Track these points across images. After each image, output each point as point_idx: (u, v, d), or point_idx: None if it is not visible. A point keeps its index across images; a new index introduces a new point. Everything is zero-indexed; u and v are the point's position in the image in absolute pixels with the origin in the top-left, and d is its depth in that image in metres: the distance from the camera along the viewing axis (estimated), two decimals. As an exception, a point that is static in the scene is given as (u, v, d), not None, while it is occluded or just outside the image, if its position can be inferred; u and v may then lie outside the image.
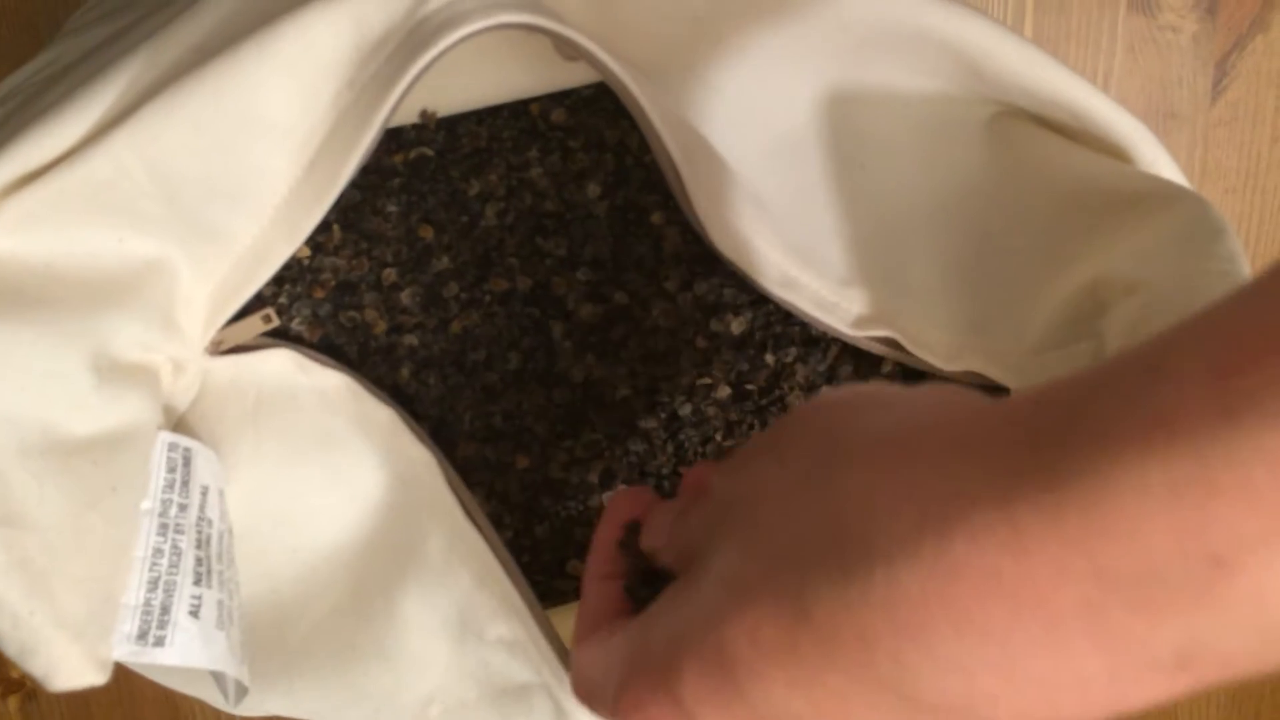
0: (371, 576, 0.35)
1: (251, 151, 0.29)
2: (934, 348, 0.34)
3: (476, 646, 0.35)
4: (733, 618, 0.20)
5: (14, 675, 0.67)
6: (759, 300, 0.35)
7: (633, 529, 0.28)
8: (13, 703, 0.68)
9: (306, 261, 0.34)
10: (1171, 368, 0.16)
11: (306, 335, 0.35)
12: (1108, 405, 0.16)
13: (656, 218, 0.35)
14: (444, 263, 0.35)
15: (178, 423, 0.33)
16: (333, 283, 0.35)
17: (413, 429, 0.34)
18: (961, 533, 0.17)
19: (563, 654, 0.33)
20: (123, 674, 0.72)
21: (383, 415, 0.34)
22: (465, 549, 0.34)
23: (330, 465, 0.34)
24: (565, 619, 0.35)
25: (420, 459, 0.34)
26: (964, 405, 0.20)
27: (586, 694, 0.26)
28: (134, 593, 0.27)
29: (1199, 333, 0.16)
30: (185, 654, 0.27)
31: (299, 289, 0.34)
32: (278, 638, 0.35)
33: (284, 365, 0.33)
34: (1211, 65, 0.55)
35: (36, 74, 0.35)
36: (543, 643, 0.33)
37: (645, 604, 0.26)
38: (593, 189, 0.35)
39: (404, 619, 0.34)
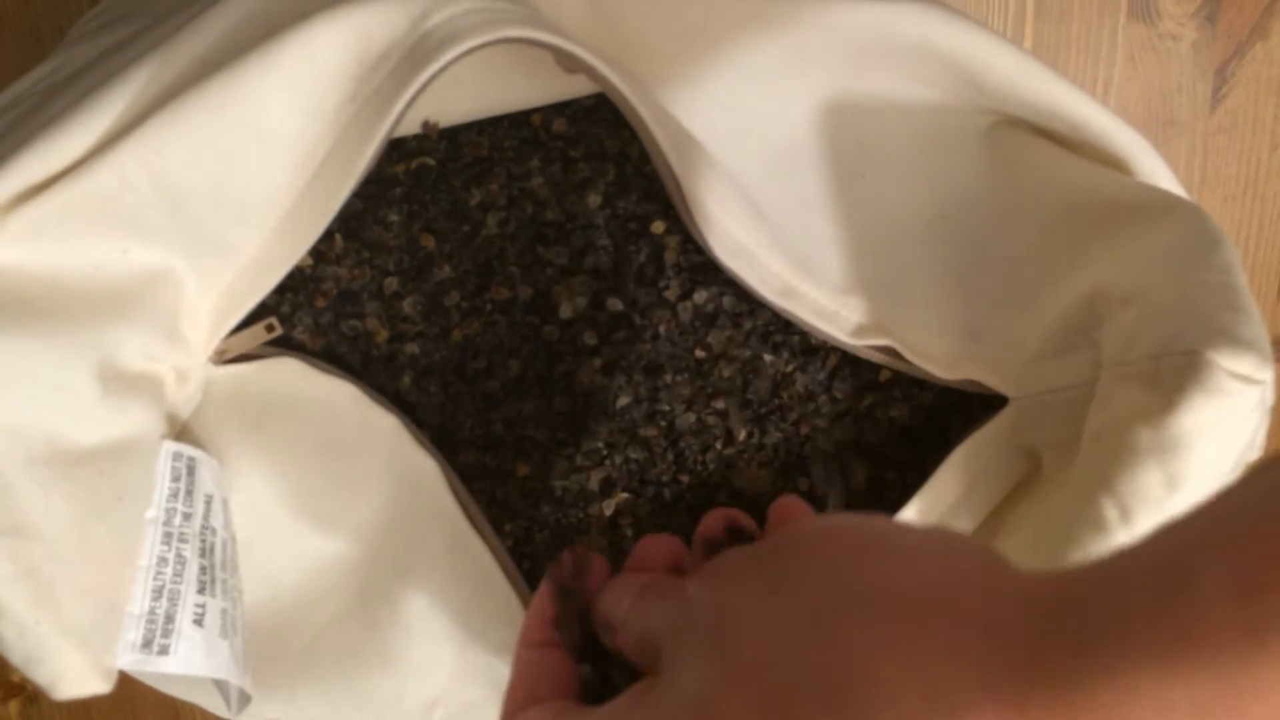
0: (375, 582, 0.35)
1: (255, 163, 0.29)
2: (933, 357, 0.34)
3: (481, 650, 0.35)
4: None
5: (14, 679, 0.67)
6: (758, 309, 0.35)
7: (573, 593, 0.28)
8: (14, 706, 0.68)
9: (309, 271, 0.35)
10: (1196, 578, 0.15)
11: (309, 344, 0.35)
12: (1129, 610, 0.15)
13: (657, 227, 0.35)
14: (445, 271, 0.35)
15: (181, 431, 0.33)
16: (335, 291, 0.35)
17: (415, 436, 0.34)
18: None
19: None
20: (124, 679, 0.72)
21: (386, 423, 0.34)
22: (467, 555, 0.34)
23: (333, 472, 0.34)
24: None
25: (423, 466, 0.34)
26: (975, 569, 0.19)
27: None
28: (138, 601, 0.27)
29: (1225, 541, 0.15)
30: (189, 663, 0.27)
31: (301, 298, 0.35)
32: (280, 645, 0.35)
33: (287, 374, 0.33)
34: (1211, 73, 0.55)
35: (39, 82, 0.35)
36: None
37: (591, 684, 0.26)
38: (593, 198, 0.35)
39: (408, 624, 0.35)
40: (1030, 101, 0.31)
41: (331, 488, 0.35)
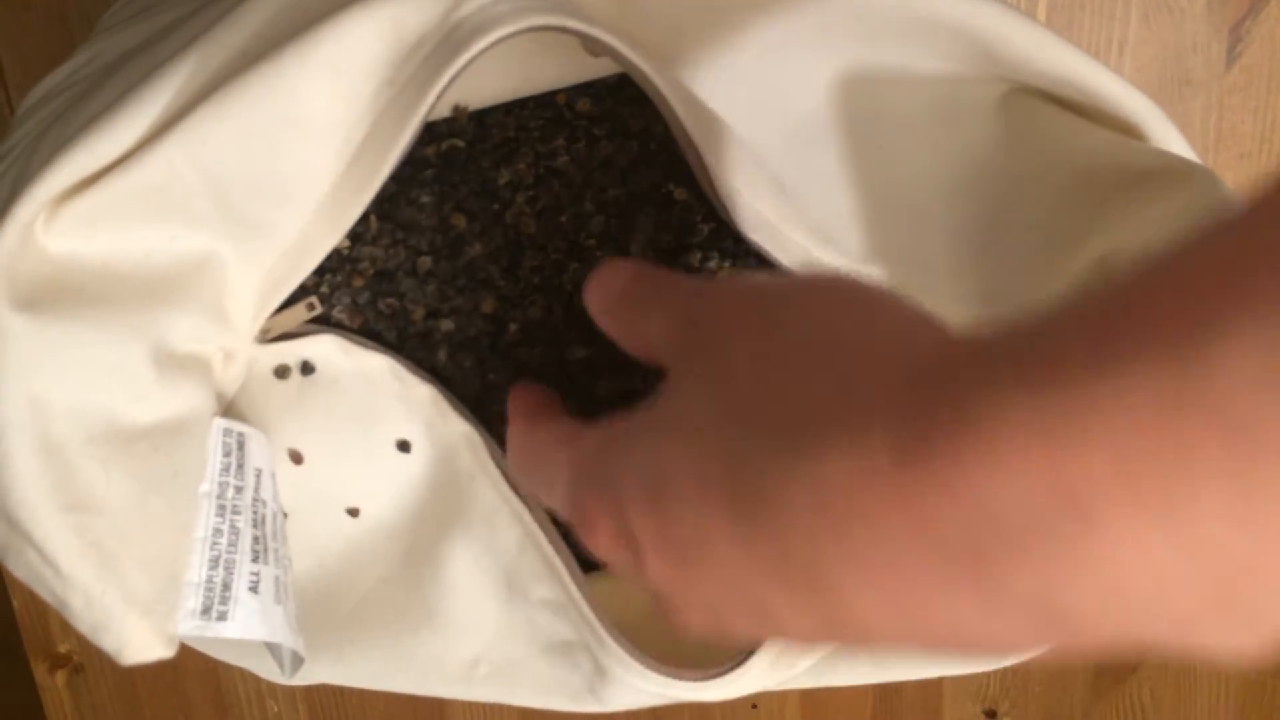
0: (418, 545, 0.36)
1: (296, 150, 0.30)
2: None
3: (522, 606, 0.36)
4: (685, 458, 0.22)
5: (60, 651, 0.69)
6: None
7: None
8: (60, 677, 0.70)
9: (346, 252, 0.36)
10: (1057, 324, 0.17)
11: (347, 322, 0.36)
12: (1003, 351, 0.17)
13: (680, 196, 0.36)
14: (476, 249, 0.36)
15: (227, 408, 0.34)
16: (371, 271, 0.36)
17: (453, 404, 0.35)
18: (881, 442, 0.18)
19: (602, 616, 0.34)
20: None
21: (423, 392, 0.35)
22: (508, 515, 0.35)
23: (373, 442, 0.36)
24: (602, 585, 0.36)
25: (462, 431, 0.35)
26: (913, 327, 0.22)
27: (530, 469, 0.28)
28: (196, 571, 0.28)
29: (1094, 298, 0.17)
30: (247, 627, 0.28)
31: (339, 278, 0.36)
32: (327, 610, 0.36)
33: (327, 349, 0.35)
34: (1225, 31, 0.55)
35: (76, 73, 0.36)
36: (583, 605, 0.35)
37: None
38: (618, 174, 0.36)
39: (452, 584, 0.36)
40: (1043, 70, 0.32)
41: (371, 456, 0.36)
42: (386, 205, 0.36)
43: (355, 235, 0.36)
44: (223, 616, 0.28)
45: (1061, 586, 0.17)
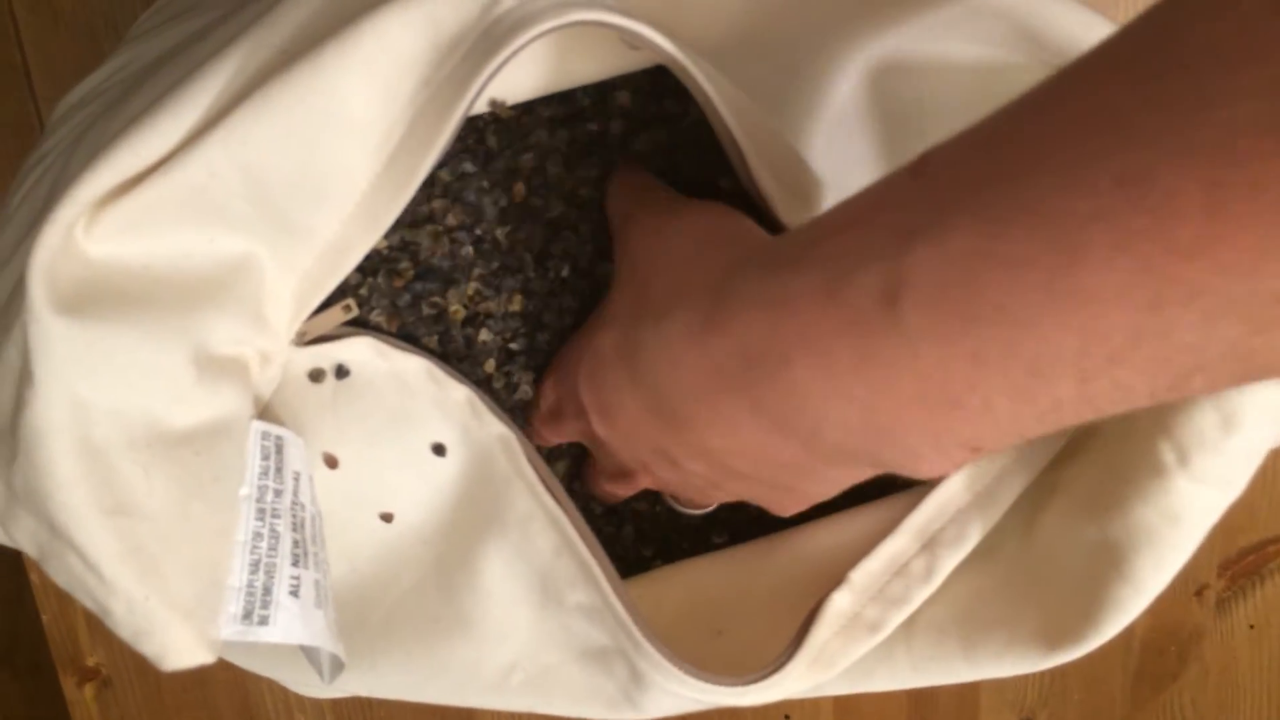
0: (452, 550, 0.36)
1: (335, 149, 0.30)
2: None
3: (557, 612, 0.36)
4: (606, 333, 0.32)
5: (89, 664, 0.69)
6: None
7: None
8: (88, 690, 0.70)
9: (385, 252, 0.36)
10: (792, 235, 0.28)
11: (385, 325, 0.36)
12: (762, 251, 0.28)
13: (725, 183, 0.36)
14: (517, 245, 0.36)
15: (263, 410, 0.34)
16: (411, 272, 0.36)
17: (490, 406, 0.35)
18: (696, 310, 0.28)
19: (639, 621, 0.34)
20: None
21: (460, 394, 0.35)
22: (544, 519, 0.35)
23: (408, 445, 0.35)
24: (637, 589, 0.36)
25: (498, 433, 0.35)
26: (738, 233, 0.32)
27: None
28: (237, 575, 0.28)
29: (817, 216, 0.27)
30: (288, 631, 0.28)
31: (379, 279, 0.36)
32: (360, 616, 0.36)
33: (363, 352, 0.34)
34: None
35: (110, 78, 0.36)
36: (620, 610, 0.34)
37: None
38: (657, 166, 0.36)
39: (487, 589, 0.36)
40: (1079, 51, 0.31)
41: (407, 460, 0.36)
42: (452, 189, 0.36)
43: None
44: (264, 621, 0.28)
45: (786, 406, 0.26)
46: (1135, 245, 0.19)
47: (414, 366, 0.35)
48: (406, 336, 0.36)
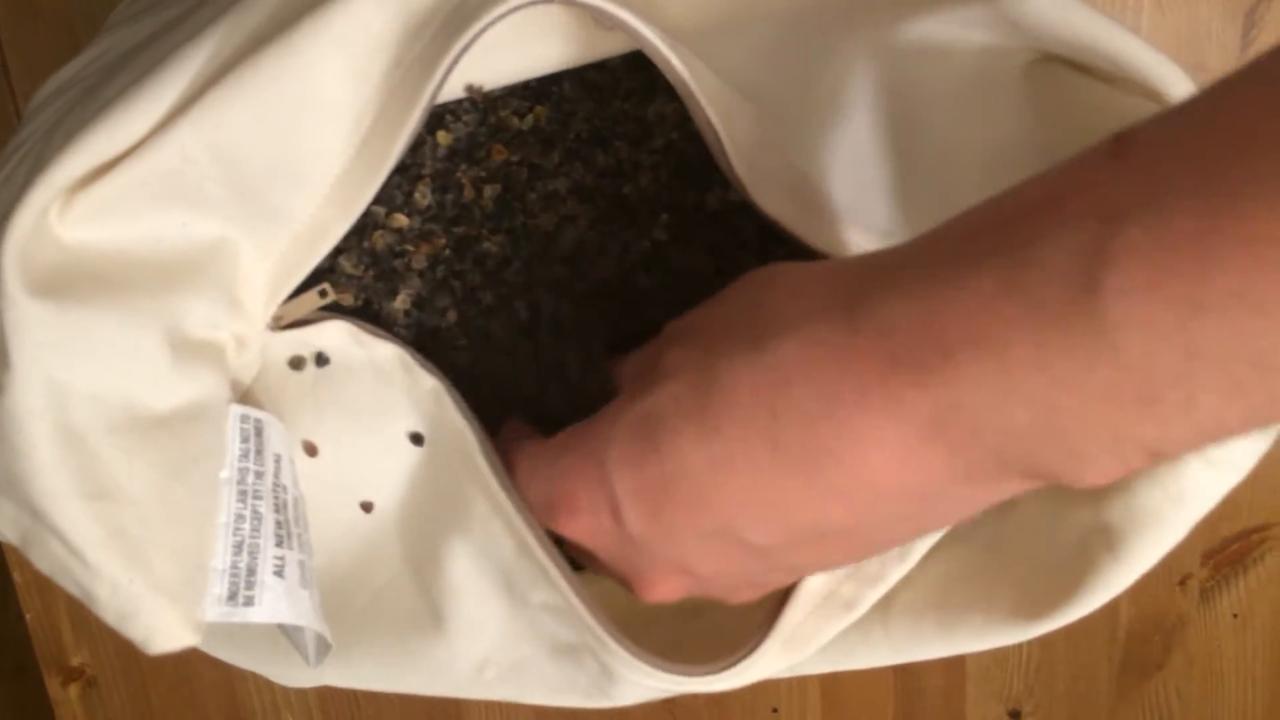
0: (425, 543, 0.36)
1: (308, 132, 0.30)
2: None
3: (524, 609, 0.36)
4: (663, 387, 0.28)
5: (73, 664, 0.69)
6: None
7: None
8: (73, 690, 0.69)
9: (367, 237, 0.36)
10: (935, 236, 0.26)
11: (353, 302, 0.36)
12: (900, 257, 0.26)
13: (702, 181, 0.36)
14: (494, 238, 0.36)
15: (244, 396, 0.34)
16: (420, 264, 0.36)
17: (456, 401, 0.35)
18: (823, 322, 0.25)
19: (602, 620, 0.34)
20: (181, 660, 0.73)
21: (428, 385, 0.35)
22: (502, 522, 0.34)
23: (386, 434, 0.35)
24: (602, 584, 0.35)
25: (459, 429, 0.35)
26: (839, 259, 0.30)
27: (528, 495, 0.33)
28: (221, 557, 0.28)
29: (961, 214, 0.25)
30: (274, 612, 0.28)
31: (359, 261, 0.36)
32: (337, 608, 0.36)
33: (340, 337, 0.34)
34: (1240, 17, 0.55)
35: (87, 67, 0.36)
36: (582, 610, 0.34)
37: None
38: (630, 155, 0.36)
39: (456, 584, 0.35)
40: (1068, 38, 0.32)
41: (384, 450, 0.35)
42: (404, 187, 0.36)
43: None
44: (249, 602, 0.28)
45: (940, 406, 0.24)
46: None
47: (388, 354, 0.34)
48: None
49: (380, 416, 0.35)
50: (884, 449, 0.25)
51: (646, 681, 0.34)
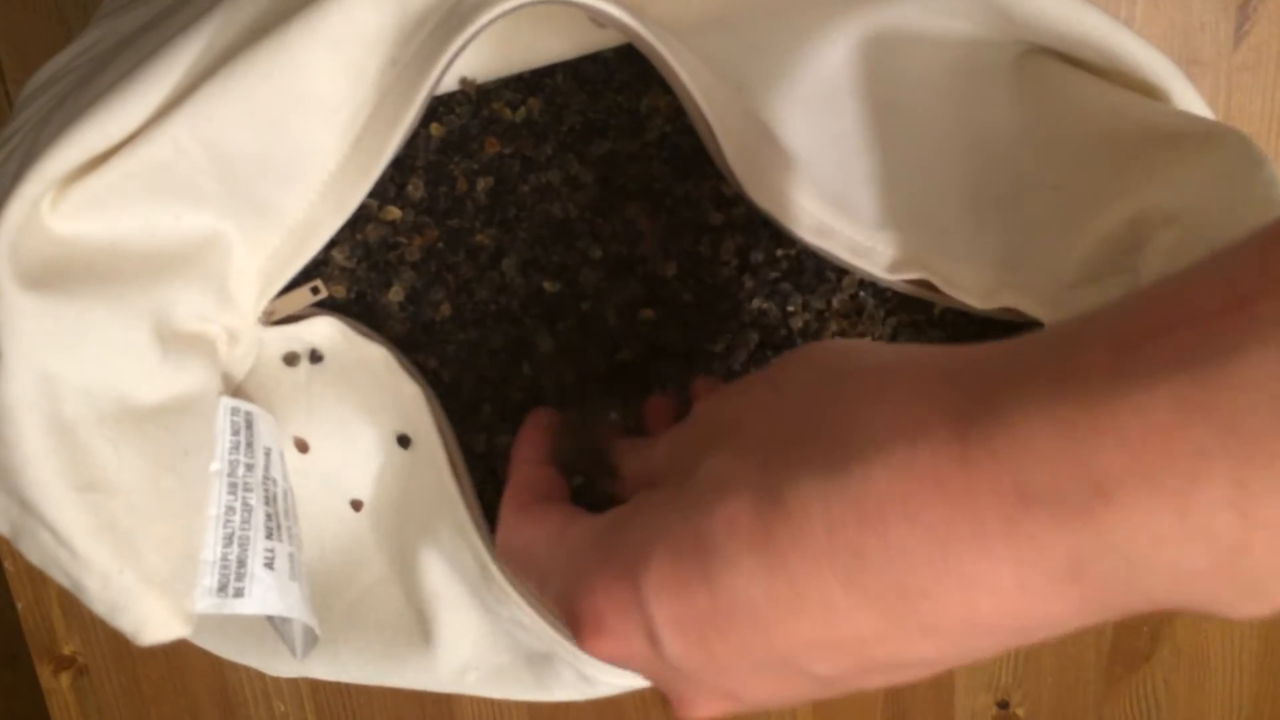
0: (405, 548, 0.36)
1: (301, 129, 0.30)
2: (969, 287, 0.34)
3: (497, 620, 0.36)
4: (715, 508, 0.23)
5: (65, 652, 0.69)
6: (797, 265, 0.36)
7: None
8: (64, 679, 0.69)
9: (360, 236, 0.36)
10: (1084, 335, 0.20)
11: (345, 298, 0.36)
12: (1037, 360, 0.21)
13: (693, 173, 0.36)
14: (487, 231, 0.36)
15: (235, 392, 0.34)
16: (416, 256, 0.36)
17: (433, 411, 0.35)
18: (925, 445, 0.21)
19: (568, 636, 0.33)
20: (172, 649, 0.72)
21: (409, 390, 0.34)
22: (466, 541, 0.34)
23: (375, 433, 0.35)
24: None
25: (435, 441, 0.34)
26: (933, 350, 0.24)
27: (520, 564, 0.28)
28: (211, 549, 0.28)
29: (1111, 312, 0.20)
30: (263, 603, 0.28)
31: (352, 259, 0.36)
32: (323, 606, 0.36)
33: (331, 334, 0.34)
34: (1233, 9, 0.55)
35: (79, 56, 0.36)
36: (548, 629, 0.34)
37: (584, 494, 0.29)
38: (625, 148, 0.36)
39: (434, 590, 0.36)
40: (1062, 31, 0.32)
41: (372, 450, 0.36)
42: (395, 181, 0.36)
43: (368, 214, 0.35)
44: (239, 593, 0.28)
45: (1087, 548, 0.19)
46: None
47: (375, 354, 0.34)
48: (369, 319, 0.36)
49: (371, 416, 0.35)
50: (998, 594, 0.21)
51: (624, 682, 0.34)
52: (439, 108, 0.35)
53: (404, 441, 0.35)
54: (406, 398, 0.34)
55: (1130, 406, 0.19)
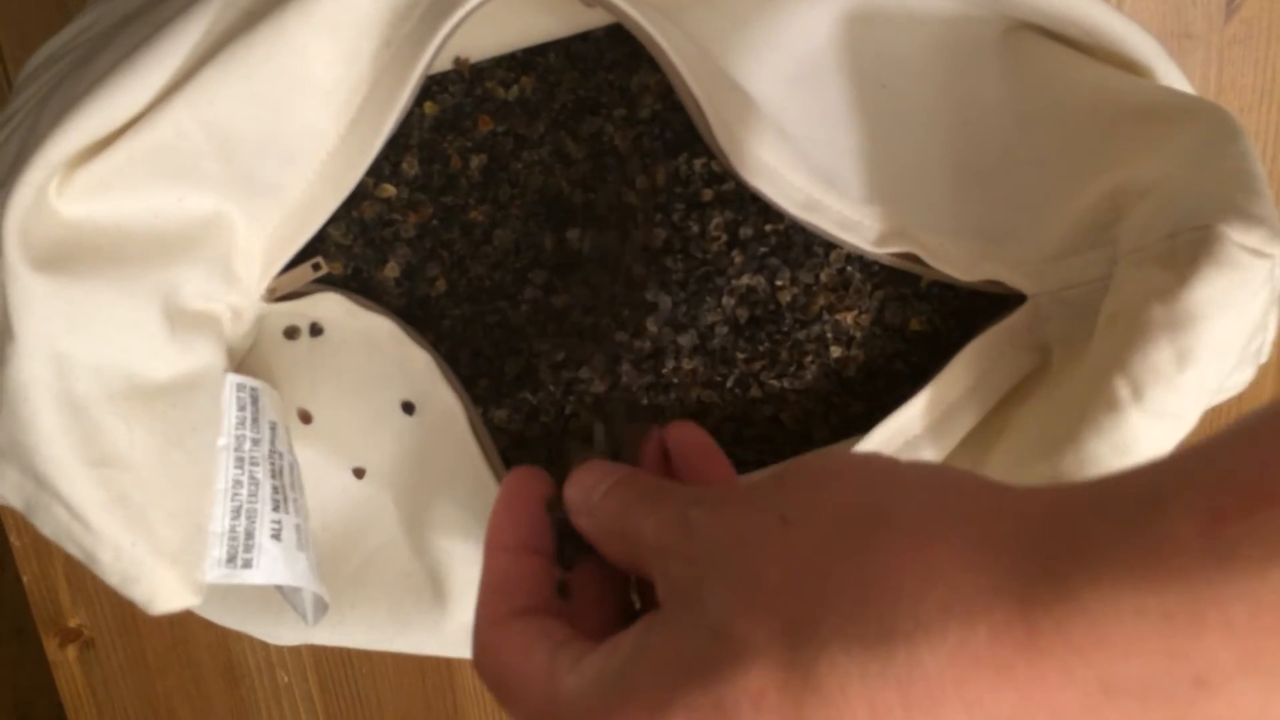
0: (415, 508, 0.37)
1: (300, 110, 0.31)
2: (954, 260, 0.35)
3: None
4: (736, 676, 0.20)
5: (71, 625, 0.70)
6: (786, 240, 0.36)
7: (557, 500, 0.27)
8: (70, 651, 0.70)
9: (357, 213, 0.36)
10: (1169, 505, 0.18)
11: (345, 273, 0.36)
12: (1111, 530, 0.18)
13: (681, 152, 0.36)
14: (481, 208, 0.37)
15: (240, 365, 0.35)
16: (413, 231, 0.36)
17: (446, 376, 0.35)
18: (984, 627, 0.18)
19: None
20: (177, 621, 0.73)
21: (419, 357, 0.35)
22: (487, 497, 0.35)
23: (379, 402, 0.36)
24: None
25: (449, 405, 0.35)
26: (975, 490, 0.21)
27: (498, 694, 0.25)
28: (220, 521, 0.29)
29: (1196, 472, 0.18)
30: (271, 573, 0.29)
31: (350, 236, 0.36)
32: (328, 573, 0.37)
33: (334, 309, 0.35)
34: (1225, -17, 0.55)
35: (78, 37, 0.36)
36: None
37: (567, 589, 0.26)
38: (614, 127, 0.36)
39: (448, 549, 0.36)
40: (1045, 8, 0.32)
41: (376, 419, 0.36)
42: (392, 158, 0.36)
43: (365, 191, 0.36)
44: (248, 564, 0.29)
45: None
46: None
47: (380, 325, 0.35)
48: (370, 293, 0.37)
49: (373, 385, 0.36)
50: None
51: None
52: (433, 87, 0.36)
53: (409, 408, 0.36)
54: (414, 365, 0.35)
55: (1236, 594, 0.17)
